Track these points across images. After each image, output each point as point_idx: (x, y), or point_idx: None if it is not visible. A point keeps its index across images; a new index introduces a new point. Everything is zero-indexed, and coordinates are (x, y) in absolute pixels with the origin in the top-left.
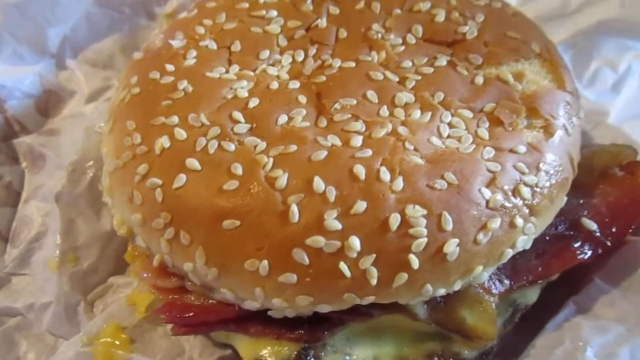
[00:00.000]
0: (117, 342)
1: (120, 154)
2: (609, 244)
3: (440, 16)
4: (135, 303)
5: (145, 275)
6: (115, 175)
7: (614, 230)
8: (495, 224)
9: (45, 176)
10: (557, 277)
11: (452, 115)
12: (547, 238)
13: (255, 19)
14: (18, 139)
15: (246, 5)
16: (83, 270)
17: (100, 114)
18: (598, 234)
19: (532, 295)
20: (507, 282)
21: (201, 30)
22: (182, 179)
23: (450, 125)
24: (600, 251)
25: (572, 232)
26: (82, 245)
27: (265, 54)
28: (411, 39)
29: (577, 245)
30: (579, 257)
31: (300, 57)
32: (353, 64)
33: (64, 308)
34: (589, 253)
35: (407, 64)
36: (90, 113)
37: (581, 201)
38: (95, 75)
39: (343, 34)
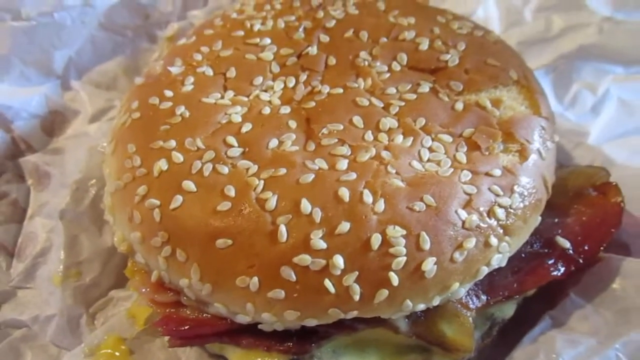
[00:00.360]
0: (117, 354)
1: (121, 175)
2: (581, 261)
3: (424, 44)
4: (135, 316)
5: (144, 290)
6: (116, 195)
7: (586, 248)
8: (471, 243)
9: (50, 194)
10: (534, 292)
11: (433, 140)
12: (523, 255)
13: (249, 46)
14: (24, 157)
15: (241, 33)
16: (85, 285)
17: (103, 133)
18: (571, 251)
19: (508, 309)
20: (483, 297)
21: (199, 57)
22: (178, 200)
23: (430, 149)
24: (573, 268)
25: (546, 250)
26: (84, 261)
27: (258, 80)
28: (396, 67)
29: (551, 262)
30: (552, 273)
31: (291, 83)
32: (341, 90)
33: (67, 320)
34: (562, 270)
35: (392, 90)
36: (93, 133)
37: (556, 220)
38: (98, 96)
39: (332, 61)
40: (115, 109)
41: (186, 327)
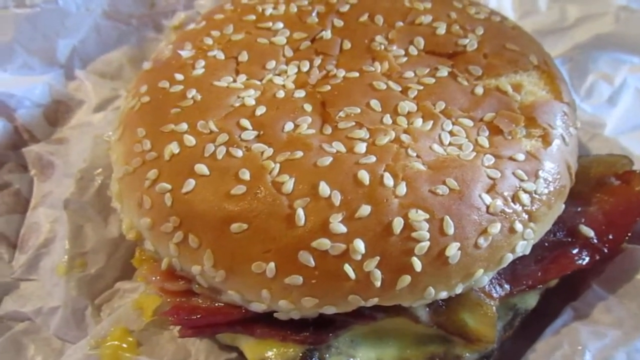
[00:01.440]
0: (124, 345)
1: (130, 160)
2: (605, 250)
3: (441, 29)
4: (142, 307)
5: (153, 278)
6: (124, 180)
7: (610, 237)
8: (496, 228)
9: (54, 184)
10: (556, 283)
11: (453, 124)
12: (546, 244)
13: (261, 30)
14: (27, 147)
15: (253, 17)
16: (90, 276)
17: (108, 123)
18: (595, 240)
19: (531, 300)
20: (507, 286)
21: (209, 41)
22: (190, 184)
23: (451, 133)
24: (597, 257)
25: (570, 239)
26: (89, 251)
27: (271, 64)
28: (413, 51)
29: (575, 251)
30: (576, 263)
31: (305, 67)
32: (357, 74)
33: (72, 312)
34: (587, 259)
35: (409, 74)
36: (98, 122)
37: (579, 209)
38: (103, 86)
39: (347, 45)
40: (121, 98)
41: (198, 316)
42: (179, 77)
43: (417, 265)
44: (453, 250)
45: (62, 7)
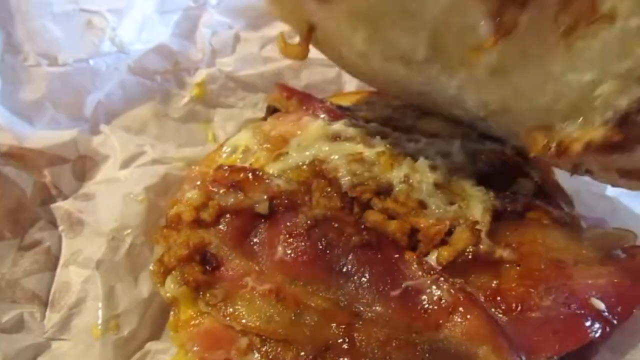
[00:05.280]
0: None
1: None
2: (615, 322)
3: None
4: None
5: (194, 348)
6: None
7: (619, 309)
8: None
9: (84, 241)
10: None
11: None
12: (561, 317)
13: None
14: (55, 203)
15: None
16: (124, 338)
17: (135, 180)
18: (606, 313)
19: None
20: (523, 358)
21: None
22: None
23: None
24: (608, 329)
25: (582, 311)
26: (122, 313)
27: None
28: None
29: (588, 323)
30: (589, 335)
31: None
32: None
33: None
34: (599, 332)
35: None
36: (125, 179)
37: (589, 281)
38: (128, 141)
39: None
40: (145, 155)
41: None
42: None
43: None
44: None
45: (93, 66)
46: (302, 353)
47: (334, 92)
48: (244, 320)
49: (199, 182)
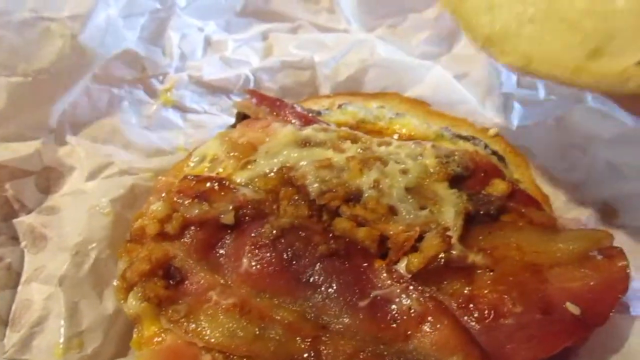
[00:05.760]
0: None
1: None
2: (591, 326)
3: None
4: None
5: None
6: None
7: (595, 313)
8: None
9: (47, 257)
10: None
11: None
12: (536, 323)
13: None
14: (18, 218)
15: None
16: (88, 356)
17: (101, 192)
18: (582, 317)
19: None
20: None
21: None
22: None
23: None
24: (584, 334)
25: (557, 316)
26: (86, 330)
27: None
28: None
29: (563, 328)
30: (565, 341)
31: None
32: None
33: None
34: (575, 336)
35: None
36: (91, 191)
37: (565, 285)
38: (96, 151)
39: None
40: (112, 165)
41: None
42: None
43: None
44: None
45: (54, 74)
46: None
47: (309, 94)
48: (206, 337)
49: (164, 194)
